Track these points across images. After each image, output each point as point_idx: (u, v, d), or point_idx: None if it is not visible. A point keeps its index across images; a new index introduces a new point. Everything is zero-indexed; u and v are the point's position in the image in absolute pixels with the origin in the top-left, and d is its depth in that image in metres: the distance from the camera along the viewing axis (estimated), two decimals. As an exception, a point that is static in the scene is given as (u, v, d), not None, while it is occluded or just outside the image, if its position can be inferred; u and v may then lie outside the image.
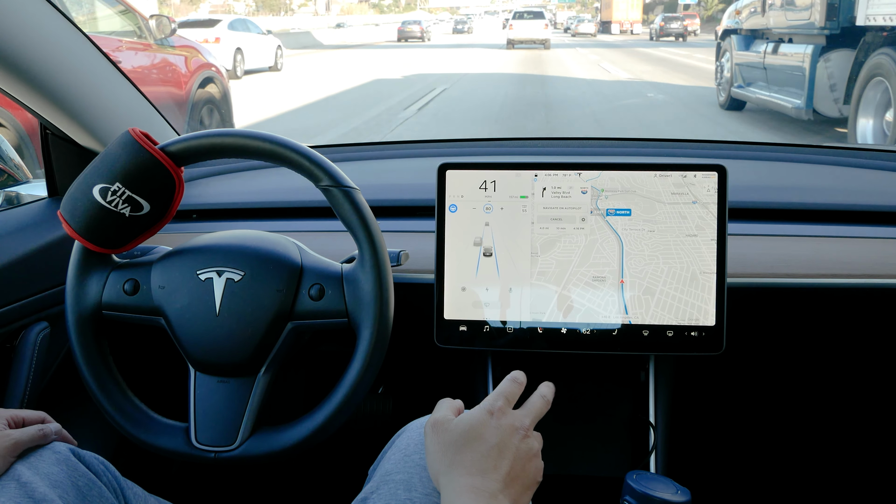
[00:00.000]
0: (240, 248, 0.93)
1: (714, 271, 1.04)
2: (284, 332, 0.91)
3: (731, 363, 1.44)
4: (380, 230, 0.90)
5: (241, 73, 15.45)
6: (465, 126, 8.51)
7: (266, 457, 0.90)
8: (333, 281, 0.91)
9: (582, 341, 1.06)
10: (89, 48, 1.16)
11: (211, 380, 0.92)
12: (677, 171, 1.04)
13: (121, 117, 1.24)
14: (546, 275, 1.06)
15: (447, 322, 1.07)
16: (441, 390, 0.92)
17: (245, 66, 15.77)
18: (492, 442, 0.69)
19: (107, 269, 0.93)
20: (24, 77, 1.04)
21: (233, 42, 15.35)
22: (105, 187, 0.86)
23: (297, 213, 1.32)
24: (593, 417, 1.25)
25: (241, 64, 15.53)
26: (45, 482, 0.77)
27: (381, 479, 0.78)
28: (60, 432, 0.87)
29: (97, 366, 0.92)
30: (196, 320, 0.90)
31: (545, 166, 1.06)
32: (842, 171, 1.42)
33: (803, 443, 1.58)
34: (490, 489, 0.66)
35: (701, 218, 1.04)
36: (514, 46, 28.02)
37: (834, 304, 1.20)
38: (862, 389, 1.52)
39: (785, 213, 1.25)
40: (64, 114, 1.14)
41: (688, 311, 1.04)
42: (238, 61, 15.42)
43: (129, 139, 0.86)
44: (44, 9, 1.05)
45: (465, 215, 1.06)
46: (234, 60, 15.19)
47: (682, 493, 0.89)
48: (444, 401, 0.77)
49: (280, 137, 0.89)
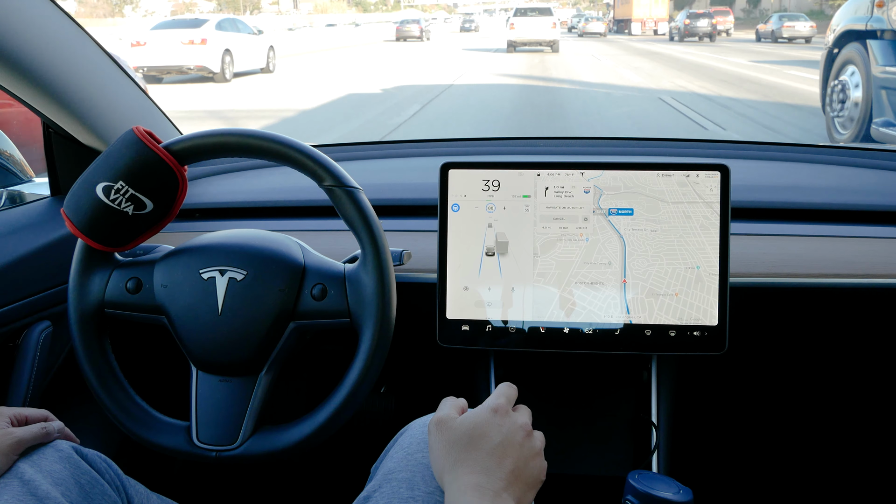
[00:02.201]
0: (242, 247, 0.93)
1: (717, 271, 1.03)
2: (286, 331, 0.91)
3: (733, 363, 1.44)
4: (382, 230, 0.90)
5: (229, 76, 14.93)
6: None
7: (267, 456, 0.90)
8: (336, 281, 0.91)
9: (584, 341, 1.06)
10: (92, 47, 1.16)
11: (213, 379, 0.92)
12: (680, 170, 1.04)
13: (123, 116, 1.24)
14: (548, 274, 1.06)
15: (449, 322, 1.07)
16: (443, 390, 0.92)
17: (234, 69, 15.19)
18: (496, 440, 0.70)
19: (109, 267, 0.93)
20: (27, 76, 1.04)
21: (221, 43, 14.71)
22: (108, 185, 0.86)
23: (300, 213, 1.32)
24: (595, 417, 1.25)
25: (229, 66, 14.96)
26: (47, 480, 0.77)
27: (384, 478, 0.78)
28: (63, 430, 0.87)
29: (99, 364, 0.92)
30: (198, 319, 0.90)
31: (548, 165, 1.06)
32: (844, 171, 1.42)
33: (805, 442, 1.58)
34: (494, 488, 0.66)
35: (706, 217, 1.04)
36: (515, 49, 23.70)
37: (836, 303, 1.19)
38: (864, 389, 1.51)
39: (787, 213, 1.25)
40: (67, 112, 1.14)
41: (690, 311, 1.04)
42: (227, 63, 14.83)
43: (133, 137, 0.87)
44: (46, 8, 1.05)
45: (467, 215, 1.06)
46: (222, 63, 14.61)
47: (685, 492, 0.88)
48: (447, 399, 0.77)
49: (283, 137, 0.89)
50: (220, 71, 14.55)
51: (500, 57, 21.49)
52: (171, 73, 15.05)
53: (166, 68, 14.67)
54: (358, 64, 19.79)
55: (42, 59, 1.05)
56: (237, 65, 15.33)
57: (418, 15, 53.04)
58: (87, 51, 1.15)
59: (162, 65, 14.56)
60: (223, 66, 14.67)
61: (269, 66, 16.94)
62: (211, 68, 14.42)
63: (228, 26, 15.56)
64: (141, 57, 14.49)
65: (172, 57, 14.35)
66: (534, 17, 23.55)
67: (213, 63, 14.44)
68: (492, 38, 34.12)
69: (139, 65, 14.46)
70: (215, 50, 14.46)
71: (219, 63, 14.52)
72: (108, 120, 1.21)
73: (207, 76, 14.68)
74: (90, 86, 1.16)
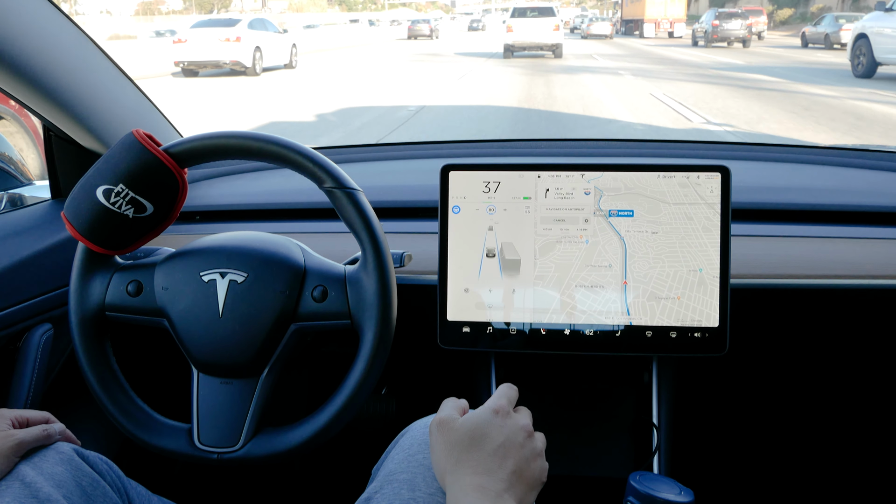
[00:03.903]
0: (243, 249, 0.93)
1: (718, 272, 1.03)
2: (287, 333, 0.91)
3: (734, 364, 1.43)
4: (383, 232, 0.90)
5: (259, 71, 16.27)
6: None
7: (269, 458, 0.90)
8: (336, 282, 0.91)
9: (585, 342, 1.06)
10: (92, 49, 1.16)
11: (214, 381, 0.92)
12: (680, 171, 1.04)
13: (124, 119, 1.24)
14: (549, 276, 1.06)
15: (450, 323, 1.07)
16: (444, 391, 0.92)
17: (263, 64, 16.59)
18: (497, 441, 0.70)
19: (110, 270, 0.93)
20: (27, 78, 1.04)
21: (252, 41, 16.12)
22: (108, 189, 0.86)
23: (301, 215, 1.32)
24: (596, 418, 1.25)
25: (259, 61, 16.34)
26: (49, 482, 0.77)
27: (385, 479, 0.78)
28: (64, 432, 0.87)
29: (100, 367, 0.92)
30: (199, 322, 0.91)
31: (548, 167, 1.06)
32: (845, 172, 1.42)
33: (806, 443, 1.58)
34: (496, 488, 0.66)
35: (707, 219, 1.04)
36: (513, 54, 20.69)
37: (837, 304, 1.19)
38: (866, 390, 1.51)
39: (787, 214, 1.25)
40: (67, 115, 1.14)
41: (691, 313, 1.04)
42: (257, 59, 16.23)
43: (133, 140, 0.87)
44: (46, 10, 1.05)
45: (468, 216, 1.06)
46: (253, 58, 16.01)
47: (686, 493, 0.88)
48: (448, 400, 0.78)
49: (283, 139, 0.89)
50: (251, 66, 16.01)
51: (492, 68, 17.44)
52: (207, 68, 16.39)
53: (204, 63, 16.07)
54: (367, 63, 19.88)
55: (42, 61, 1.05)
56: (265, 60, 16.78)
57: (415, 15, 58.57)
58: (86, 53, 1.15)
59: (201, 59, 15.96)
60: (254, 61, 16.13)
61: (292, 63, 18.35)
62: (244, 63, 15.95)
63: (258, 25, 16.99)
64: (183, 52, 15.94)
65: (211, 52, 15.79)
66: (534, 19, 20.61)
67: (245, 58, 15.94)
68: (492, 40, 32.78)
69: (180, 59, 16.01)
70: (248, 46, 15.96)
71: (251, 58, 16.00)
72: (108, 123, 1.21)
73: (240, 70, 16.17)
74: (90, 88, 1.16)
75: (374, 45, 31.27)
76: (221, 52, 15.74)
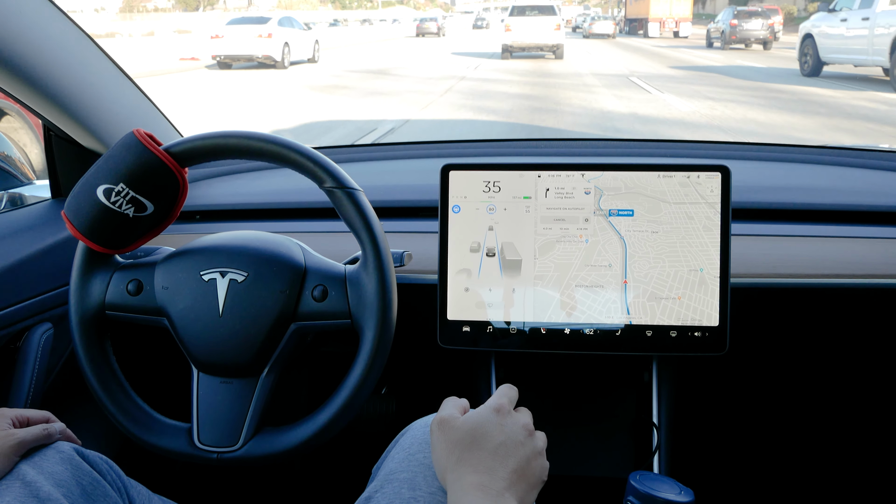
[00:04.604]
0: (243, 248, 0.93)
1: (718, 272, 1.03)
2: (287, 333, 0.91)
3: (734, 364, 1.43)
4: (383, 231, 0.90)
5: (287, 65, 17.69)
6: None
7: (269, 458, 0.90)
8: (337, 282, 0.91)
9: (585, 342, 1.06)
10: (92, 49, 1.16)
11: (214, 380, 0.92)
12: (680, 171, 1.04)
13: (124, 118, 1.24)
14: (549, 275, 1.06)
15: (450, 323, 1.07)
16: (444, 391, 0.92)
17: (291, 59, 17.99)
18: (498, 440, 0.70)
19: (110, 269, 0.93)
20: (27, 78, 1.04)
21: (282, 37, 17.60)
22: (109, 188, 0.86)
23: (301, 214, 1.32)
24: (596, 418, 1.25)
25: (287, 56, 17.76)
26: (49, 481, 0.77)
27: (385, 479, 0.78)
28: (65, 432, 0.87)
29: (100, 366, 0.92)
30: (199, 321, 0.91)
31: (548, 167, 1.06)
32: (844, 172, 1.42)
33: (807, 443, 1.58)
34: (497, 487, 0.66)
35: (708, 218, 1.04)
36: (512, 55, 19.45)
37: (837, 304, 1.19)
38: (866, 390, 1.51)
39: (787, 214, 1.25)
40: (67, 115, 1.14)
41: (691, 312, 1.04)
42: (286, 53, 17.67)
43: (134, 140, 0.87)
44: (46, 10, 1.05)
45: (468, 216, 1.06)
46: (282, 53, 17.46)
47: (686, 493, 0.88)
48: (449, 399, 0.78)
49: (284, 139, 0.89)
50: (280, 60, 17.42)
51: (489, 71, 15.83)
52: (240, 61, 17.94)
53: (239, 57, 17.67)
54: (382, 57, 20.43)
55: (43, 61, 1.05)
56: (292, 55, 18.16)
57: (415, 14, 60.48)
58: (87, 53, 1.15)
59: (236, 54, 17.59)
60: (283, 55, 17.54)
61: (315, 57, 19.62)
62: (275, 57, 17.39)
63: (286, 23, 18.40)
64: (219, 47, 17.63)
65: (245, 47, 17.40)
66: (534, 17, 19.37)
67: (276, 53, 17.36)
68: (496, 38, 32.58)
69: (216, 53, 17.69)
70: (278, 42, 17.42)
71: (280, 53, 17.42)
72: (108, 122, 1.21)
73: (270, 64, 17.59)
74: (91, 88, 1.16)
75: (387, 42, 31.25)
76: (255, 47, 17.29)
